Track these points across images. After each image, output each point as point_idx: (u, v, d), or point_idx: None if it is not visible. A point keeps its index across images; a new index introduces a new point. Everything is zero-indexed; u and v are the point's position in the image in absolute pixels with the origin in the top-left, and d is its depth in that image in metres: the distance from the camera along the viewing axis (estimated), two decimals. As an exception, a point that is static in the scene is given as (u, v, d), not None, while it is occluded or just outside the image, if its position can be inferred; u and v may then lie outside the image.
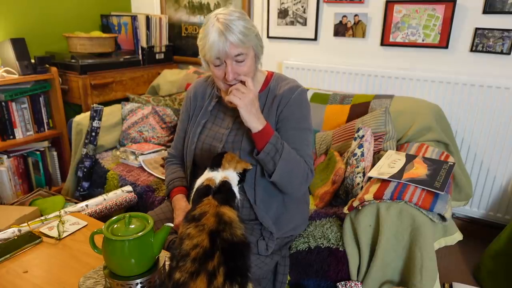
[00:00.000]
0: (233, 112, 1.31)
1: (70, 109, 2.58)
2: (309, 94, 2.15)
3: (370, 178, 1.49)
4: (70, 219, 1.26)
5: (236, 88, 1.13)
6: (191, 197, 1.01)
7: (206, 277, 0.72)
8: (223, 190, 0.95)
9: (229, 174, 1.01)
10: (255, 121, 1.13)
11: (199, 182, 1.01)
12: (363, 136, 1.66)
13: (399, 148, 1.78)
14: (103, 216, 1.63)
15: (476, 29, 1.91)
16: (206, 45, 1.14)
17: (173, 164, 1.48)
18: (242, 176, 1.04)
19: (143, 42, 2.73)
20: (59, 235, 1.16)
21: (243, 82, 1.17)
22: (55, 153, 2.49)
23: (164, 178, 1.84)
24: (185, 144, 1.40)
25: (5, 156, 2.24)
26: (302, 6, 2.35)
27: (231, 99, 1.12)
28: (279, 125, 1.26)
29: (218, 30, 1.11)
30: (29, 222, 1.28)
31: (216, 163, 1.03)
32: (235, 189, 0.99)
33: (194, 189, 1.00)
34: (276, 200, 1.30)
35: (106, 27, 2.86)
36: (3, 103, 2.18)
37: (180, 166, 1.47)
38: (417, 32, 2.05)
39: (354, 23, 2.22)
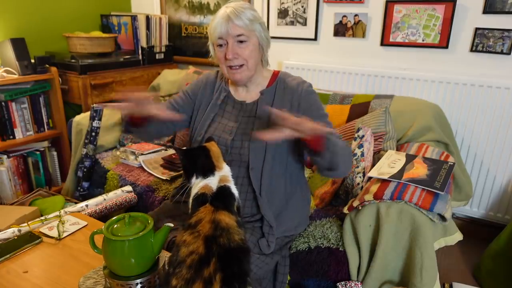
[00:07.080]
0: (241, 106, 1.35)
1: (70, 109, 2.58)
2: (309, 94, 2.15)
3: (370, 178, 1.49)
4: (70, 219, 1.26)
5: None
6: (189, 207, 0.90)
7: (202, 284, 0.71)
8: (221, 196, 0.88)
9: (225, 172, 0.92)
10: (316, 126, 1.03)
11: (193, 192, 0.91)
12: (363, 136, 1.66)
13: (399, 148, 1.78)
14: (103, 216, 1.64)
15: (476, 29, 1.91)
16: (212, 26, 1.25)
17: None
18: None
19: (143, 42, 2.73)
20: (59, 235, 1.16)
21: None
22: (55, 153, 2.49)
23: (164, 178, 1.85)
24: (191, 135, 1.41)
25: (5, 156, 2.24)
26: (302, 6, 2.34)
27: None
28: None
29: (224, 13, 1.23)
30: (29, 222, 1.28)
31: (207, 168, 0.91)
32: (234, 187, 0.92)
33: (191, 199, 0.91)
34: (278, 195, 1.31)
35: (106, 27, 2.86)
36: (3, 103, 2.18)
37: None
38: (417, 32, 2.05)
39: (354, 23, 2.22)
